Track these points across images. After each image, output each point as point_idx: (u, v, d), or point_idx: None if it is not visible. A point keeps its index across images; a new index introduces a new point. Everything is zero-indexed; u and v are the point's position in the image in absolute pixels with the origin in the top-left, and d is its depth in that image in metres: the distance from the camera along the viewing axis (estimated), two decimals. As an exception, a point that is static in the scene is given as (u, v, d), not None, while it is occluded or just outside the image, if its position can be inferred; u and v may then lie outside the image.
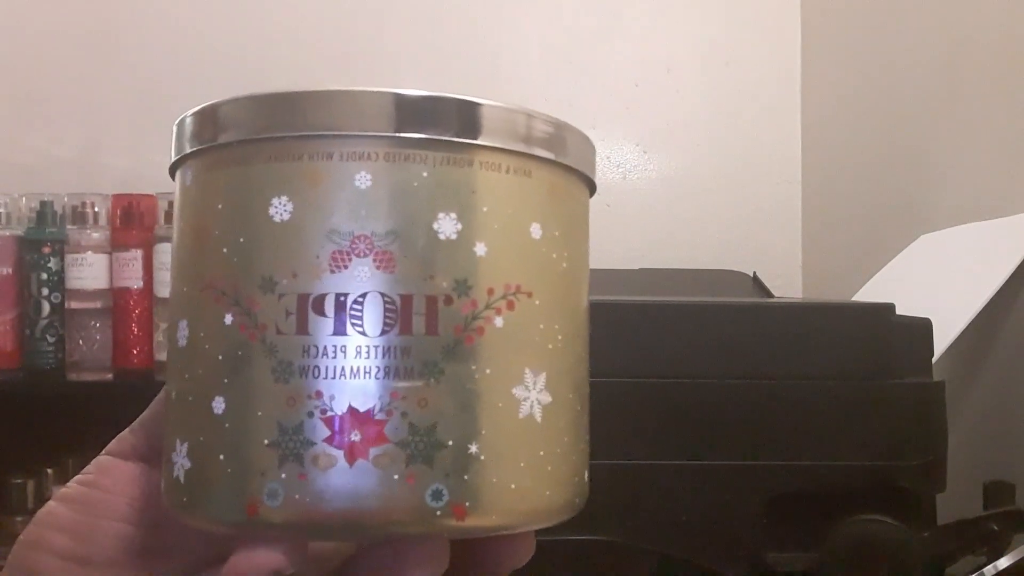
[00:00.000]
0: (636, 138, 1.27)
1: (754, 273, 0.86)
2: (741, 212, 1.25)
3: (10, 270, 1.07)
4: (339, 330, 0.22)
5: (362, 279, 0.22)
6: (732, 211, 1.25)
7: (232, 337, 0.22)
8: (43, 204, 1.07)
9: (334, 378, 0.22)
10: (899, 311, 0.53)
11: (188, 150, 0.24)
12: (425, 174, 0.23)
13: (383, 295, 0.22)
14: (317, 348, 0.22)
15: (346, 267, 0.22)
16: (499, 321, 0.23)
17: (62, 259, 1.06)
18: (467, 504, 0.22)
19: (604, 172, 1.26)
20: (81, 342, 1.06)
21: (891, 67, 0.99)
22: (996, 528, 0.52)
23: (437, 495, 0.22)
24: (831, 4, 1.20)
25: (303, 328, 0.22)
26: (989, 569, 0.49)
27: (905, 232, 0.87)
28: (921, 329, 0.54)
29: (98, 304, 1.06)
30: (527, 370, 0.23)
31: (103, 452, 0.28)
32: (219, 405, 0.22)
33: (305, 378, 0.22)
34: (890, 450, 0.52)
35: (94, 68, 1.25)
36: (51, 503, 0.27)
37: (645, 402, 0.51)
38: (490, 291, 0.23)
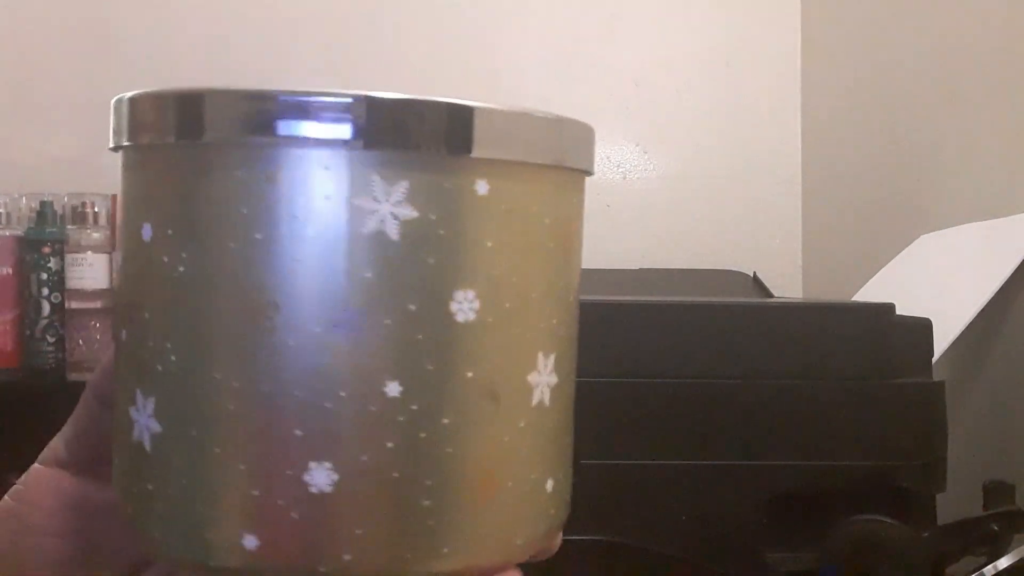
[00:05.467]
0: (636, 138, 1.27)
1: (754, 273, 0.86)
2: (741, 212, 1.25)
3: (10, 270, 1.07)
4: None
5: None
6: (732, 211, 1.25)
7: None
8: (43, 204, 1.07)
9: None
10: (899, 311, 0.53)
11: None
12: None
13: None
14: None
15: None
16: (119, 341, 0.22)
17: (62, 259, 1.06)
18: None
19: (604, 172, 1.26)
20: (81, 342, 1.06)
21: (891, 67, 0.99)
22: (996, 528, 0.52)
23: None
24: (831, 4, 1.20)
25: None
26: (989, 569, 0.49)
27: (905, 232, 0.87)
28: (921, 329, 0.54)
29: (98, 304, 1.06)
30: (138, 392, 0.21)
31: (36, 461, 0.27)
32: None
33: None
34: (890, 450, 0.52)
35: (94, 68, 1.25)
36: None
37: (645, 402, 0.51)
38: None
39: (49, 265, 1.06)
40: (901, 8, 0.98)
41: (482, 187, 0.20)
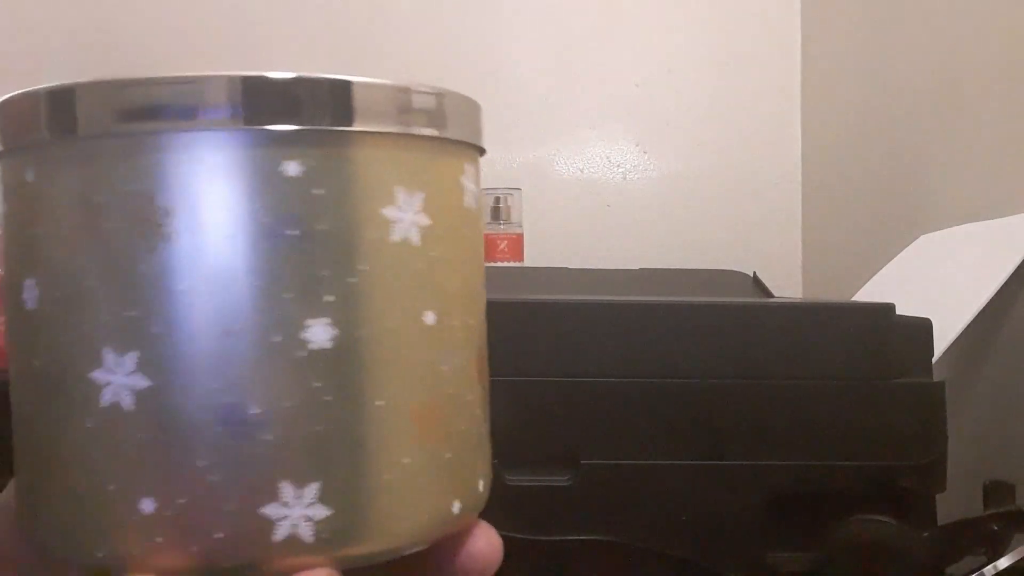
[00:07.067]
0: (636, 138, 1.27)
1: (754, 273, 0.86)
2: (741, 212, 1.25)
3: (10, 270, 1.07)
4: None
5: None
6: (732, 211, 1.25)
7: None
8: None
9: None
10: (899, 311, 0.53)
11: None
12: None
13: None
14: None
15: None
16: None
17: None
18: None
19: (604, 172, 1.26)
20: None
21: (891, 67, 0.99)
22: (996, 528, 0.52)
23: None
24: (831, 4, 1.20)
25: None
26: (989, 569, 0.49)
27: (905, 232, 0.87)
28: (921, 329, 0.54)
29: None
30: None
31: None
32: None
33: None
34: (890, 450, 0.52)
35: (93, 68, 1.25)
36: None
37: (645, 402, 0.51)
38: None
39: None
40: (901, 8, 0.98)
41: (31, 175, 0.21)
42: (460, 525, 0.24)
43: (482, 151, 0.25)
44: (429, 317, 0.22)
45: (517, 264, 1.11)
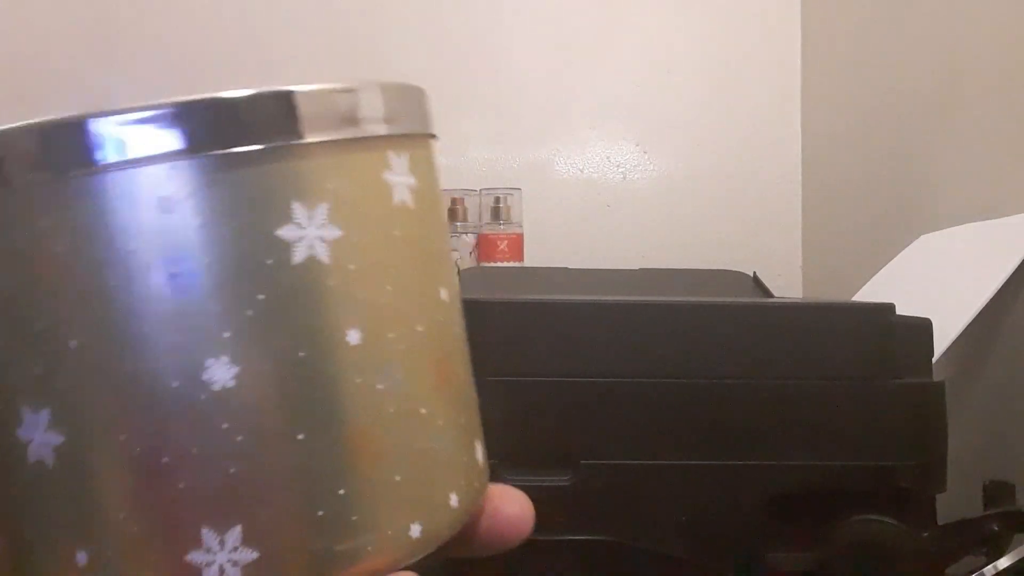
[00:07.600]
0: (636, 138, 1.27)
1: (754, 273, 0.86)
2: (741, 212, 1.25)
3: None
4: None
5: None
6: (732, 211, 1.25)
7: None
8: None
9: None
10: (899, 311, 0.53)
11: None
12: None
13: None
14: None
15: None
16: None
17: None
18: None
19: (604, 172, 1.26)
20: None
21: (891, 67, 0.99)
22: (996, 528, 0.52)
23: None
24: (831, 4, 1.20)
25: None
26: (989, 569, 0.49)
27: (905, 232, 0.87)
28: (921, 329, 0.54)
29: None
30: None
31: None
32: None
33: None
34: (890, 450, 0.52)
35: (94, 68, 1.25)
36: None
37: (645, 402, 0.51)
38: None
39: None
40: (901, 8, 0.98)
41: None
42: (425, 547, 0.22)
43: (427, 136, 0.23)
44: (353, 336, 0.20)
45: (517, 264, 1.11)
